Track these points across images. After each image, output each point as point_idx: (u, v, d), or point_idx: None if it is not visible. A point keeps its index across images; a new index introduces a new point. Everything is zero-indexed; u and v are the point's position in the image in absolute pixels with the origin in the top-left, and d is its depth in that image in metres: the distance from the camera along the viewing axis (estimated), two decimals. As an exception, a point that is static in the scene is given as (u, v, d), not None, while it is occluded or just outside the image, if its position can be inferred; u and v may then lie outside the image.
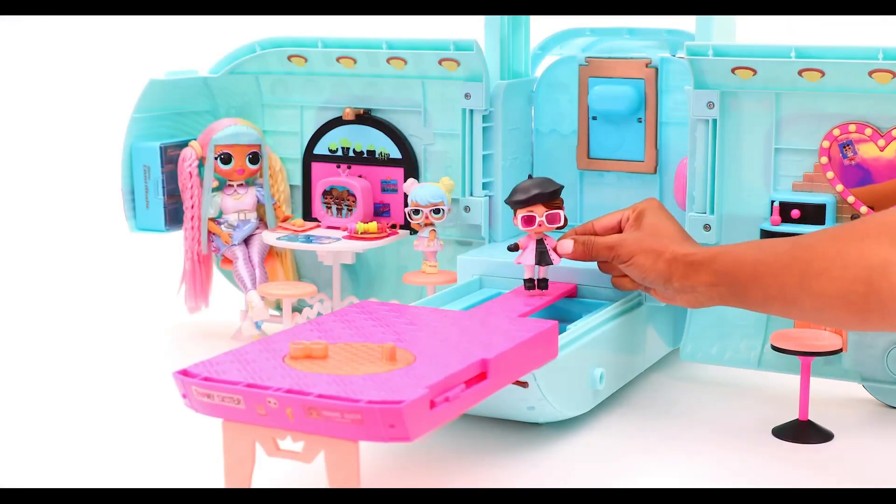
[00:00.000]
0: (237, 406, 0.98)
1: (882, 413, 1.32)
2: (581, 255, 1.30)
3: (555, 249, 1.31)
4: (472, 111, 1.51)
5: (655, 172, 1.53)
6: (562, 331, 1.21)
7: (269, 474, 1.10)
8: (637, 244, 1.26)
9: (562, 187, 1.30)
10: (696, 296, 1.23)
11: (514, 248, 1.33)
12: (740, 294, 1.18)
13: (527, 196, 1.29)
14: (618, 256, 1.27)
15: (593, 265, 1.36)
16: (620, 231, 1.31)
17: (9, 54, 2.77)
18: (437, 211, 1.47)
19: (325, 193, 1.58)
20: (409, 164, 1.56)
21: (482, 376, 1.03)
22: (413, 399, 0.92)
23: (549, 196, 1.29)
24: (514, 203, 1.29)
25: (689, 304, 1.25)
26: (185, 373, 1.01)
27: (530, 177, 1.32)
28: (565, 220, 1.29)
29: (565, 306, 1.38)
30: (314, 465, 0.99)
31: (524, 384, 1.15)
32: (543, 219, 1.29)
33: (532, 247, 1.31)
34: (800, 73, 1.31)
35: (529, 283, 1.33)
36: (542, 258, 1.31)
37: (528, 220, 1.29)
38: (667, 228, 1.27)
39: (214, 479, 1.08)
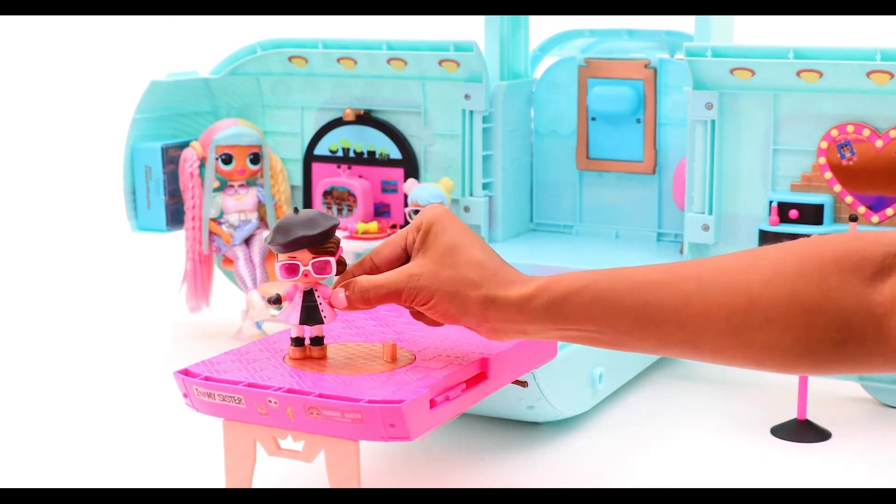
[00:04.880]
0: (238, 405, 0.98)
1: (880, 412, 1.32)
2: (360, 305, 0.98)
3: (329, 302, 1.01)
4: (471, 112, 1.52)
5: (654, 173, 1.53)
6: (561, 330, 1.21)
7: (270, 473, 1.10)
8: (433, 282, 0.94)
9: (334, 226, 1.00)
10: (530, 337, 0.96)
11: (275, 300, 1.03)
12: (614, 341, 0.91)
13: (287, 239, 0.99)
14: (410, 303, 0.97)
15: (598, 263, 1.36)
16: (407, 257, 1.00)
17: (9, 54, 2.77)
18: (436, 211, 1.47)
19: (326, 194, 1.59)
20: (409, 165, 1.56)
21: (482, 376, 1.03)
22: (413, 398, 0.92)
23: (318, 239, 0.99)
24: (275, 247, 1.00)
25: (523, 338, 0.98)
26: (186, 372, 1.01)
27: (296, 210, 1.02)
28: (343, 264, 1.01)
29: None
30: (314, 465, 0.99)
31: (524, 383, 1.15)
32: (309, 268, 0.99)
33: (298, 301, 1.02)
34: (798, 73, 1.32)
35: (297, 342, 1.04)
36: (310, 316, 1.02)
37: (291, 270, 0.99)
38: (465, 250, 0.95)
39: (215, 478, 1.09)
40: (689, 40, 1.49)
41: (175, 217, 1.60)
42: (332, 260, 1.00)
